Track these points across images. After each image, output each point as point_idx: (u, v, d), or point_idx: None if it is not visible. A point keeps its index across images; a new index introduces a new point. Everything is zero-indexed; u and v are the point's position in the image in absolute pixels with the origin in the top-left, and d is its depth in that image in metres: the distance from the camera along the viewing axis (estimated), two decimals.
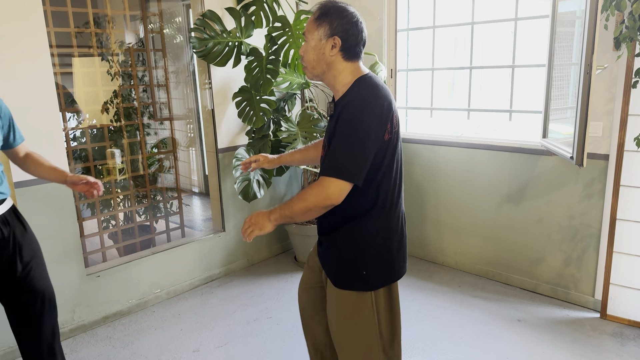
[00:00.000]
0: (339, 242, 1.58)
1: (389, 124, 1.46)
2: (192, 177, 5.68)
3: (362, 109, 1.41)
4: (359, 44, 1.51)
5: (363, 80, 1.50)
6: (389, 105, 1.46)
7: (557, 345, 2.58)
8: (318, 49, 1.50)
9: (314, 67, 1.53)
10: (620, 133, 2.61)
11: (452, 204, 3.50)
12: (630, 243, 2.69)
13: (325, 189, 1.40)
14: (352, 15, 1.49)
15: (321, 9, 1.50)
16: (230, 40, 3.17)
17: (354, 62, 1.52)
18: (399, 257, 1.60)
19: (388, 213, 1.55)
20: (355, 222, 1.54)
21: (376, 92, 1.46)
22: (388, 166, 1.51)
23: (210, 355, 2.60)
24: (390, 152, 1.49)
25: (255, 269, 3.69)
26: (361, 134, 1.39)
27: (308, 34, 1.52)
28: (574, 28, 2.51)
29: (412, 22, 3.68)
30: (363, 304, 1.57)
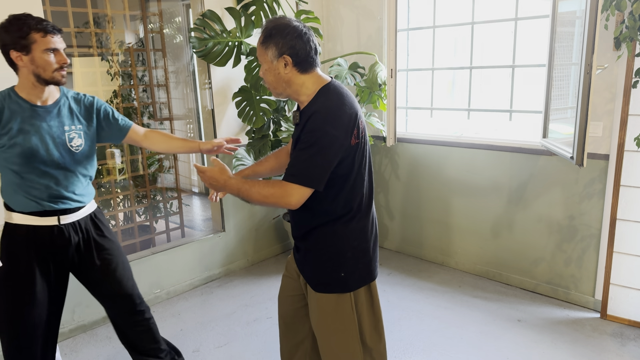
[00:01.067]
0: (316, 247, 1.61)
1: (356, 130, 1.50)
2: (192, 177, 5.68)
3: (327, 120, 1.45)
4: (309, 54, 1.52)
5: (327, 89, 1.52)
6: (354, 114, 1.51)
7: (557, 345, 2.58)
8: (272, 70, 1.52)
9: (275, 87, 1.56)
10: (620, 133, 2.61)
11: (452, 204, 3.50)
12: (630, 243, 2.69)
13: (287, 195, 1.45)
14: (295, 30, 1.49)
15: (264, 32, 1.52)
16: (230, 40, 3.16)
17: (311, 72, 1.54)
18: (374, 258, 1.66)
19: (362, 216, 1.60)
20: (331, 226, 1.57)
21: (341, 102, 1.49)
22: (359, 170, 1.55)
23: (210, 355, 2.60)
24: (359, 156, 1.54)
25: (255, 269, 3.69)
26: (324, 143, 1.44)
27: (260, 58, 1.54)
28: (574, 28, 2.51)
29: (412, 22, 3.68)
30: (343, 306, 1.60)
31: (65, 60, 1.73)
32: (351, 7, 3.80)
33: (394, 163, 3.79)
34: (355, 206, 1.57)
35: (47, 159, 1.75)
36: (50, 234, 1.81)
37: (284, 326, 1.86)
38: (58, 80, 1.74)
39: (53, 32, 1.70)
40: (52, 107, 1.80)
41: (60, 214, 1.82)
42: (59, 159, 1.78)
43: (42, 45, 1.67)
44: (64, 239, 1.84)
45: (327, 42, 4.02)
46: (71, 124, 1.83)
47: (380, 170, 3.91)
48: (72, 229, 1.86)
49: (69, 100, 1.86)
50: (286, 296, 1.82)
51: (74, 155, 1.83)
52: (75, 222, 1.87)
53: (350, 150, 1.50)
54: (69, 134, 1.82)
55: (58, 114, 1.81)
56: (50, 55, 1.70)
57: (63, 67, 1.73)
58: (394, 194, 3.85)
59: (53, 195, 1.79)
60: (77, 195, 1.86)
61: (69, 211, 1.85)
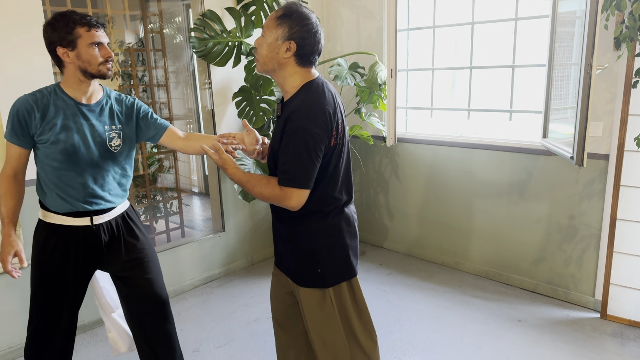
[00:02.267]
0: (292, 243, 1.65)
1: (335, 131, 1.52)
2: (192, 177, 5.68)
3: (307, 118, 1.46)
4: (314, 54, 1.54)
5: (309, 85, 1.54)
6: (333, 113, 1.52)
7: (557, 345, 2.58)
8: (273, 47, 1.52)
9: (265, 62, 1.55)
10: (620, 133, 2.61)
11: (452, 204, 3.50)
12: (630, 243, 2.69)
13: (288, 199, 1.49)
14: (312, 26, 1.51)
15: (285, 9, 1.51)
16: (230, 40, 3.16)
17: (307, 68, 1.56)
18: (354, 254, 1.69)
19: (337, 213, 1.62)
20: (305, 223, 1.61)
21: (321, 100, 1.51)
22: (334, 170, 1.58)
23: (210, 355, 2.60)
24: (335, 156, 1.56)
25: (255, 269, 3.69)
26: (310, 142, 1.46)
27: (266, 30, 1.53)
28: (574, 28, 2.51)
29: (412, 22, 3.68)
30: (324, 301, 1.64)
31: (110, 53, 1.75)
32: (351, 7, 3.80)
33: (394, 163, 3.79)
34: (329, 204, 1.60)
35: (87, 157, 1.77)
36: (83, 233, 1.82)
37: (277, 324, 1.88)
38: (104, 74, 1.76)
39: (97, 26, 1.72)
40: (96, 106, 1.82)
41: (93, 215, 1.83)
42: (98, 158, 1.80)
43: (87, 40, 1.69)
44: (95, 238, 1.85)
45: (327, 42, 4.02)
46: (112, 124, 1.85)
47: (380, 170, 3.91)
48: (105, 227, 1.87)
49: (111, 100, 1.88)
50: (277, 294, 1.85)
51: (112, 155, 1.84)
52: (109, 220, 1.88)
53: (328, 150, 1.52)
54: (109, 133, 1.83)
55: (100, 113, 1.83)
56: (95, 49, 1.71)
57: (108, 61, 1.75)
58: (394, 194, 3.85)
59: (89, 195, 1.80)
60: (112, 196, 1.87)
61: (102, 212, 1.85)
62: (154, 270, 1.99)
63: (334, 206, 1.61)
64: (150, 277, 1.96)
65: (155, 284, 1.98)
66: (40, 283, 1.83)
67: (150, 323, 1.98)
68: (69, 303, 1.86)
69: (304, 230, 1.61)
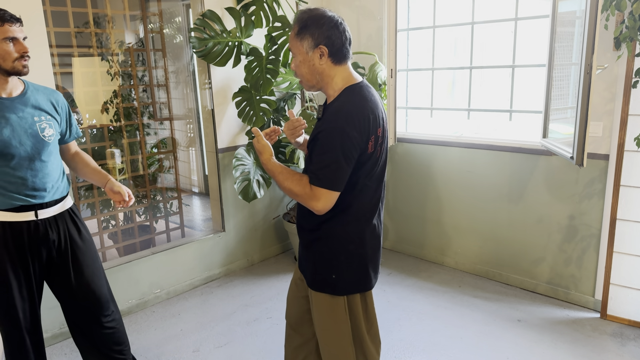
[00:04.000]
0: (313, 244, 1.62)
1: (373, 137, 1.49)
2: (192, 177, 5.68)
3: (346, 120, 1.44)
4: (344, 45, 1.52)
5: (352, 89, 1.52)
6: (374, 119, 1.49)
7: (557, 345, 2.58)
8: (307, 62, 1.52)
9: (309, 79, 1.56)
10: (620, 133, 2.61)
11: (452, 204, 3.50)
12: (630, 243, 2.69)
13: (316, 200, 1.46)
14: (331, 20, 1.49)
15: (299, 23, 1.51)
16: (230, 40, 3.16)
17: (344, 64, 1.54)
18: (373, 267, 1.64)
19: (363, 222, 1.58)
20: (330, 227, 1.57)
21: (363, 105, 1.48)
22: (367, 177, 1.54)
23: (210, 355, 2.60)
24: (370, 164, 1.53)
25: (255, 269, 3.69)
26: (346, 145, 1.44)
27: (294, 49, 1.54)
28: (574, 28, 2.51)
29: (412, 22, 3.68)
30: (336, 307, 1.61)
31: (25, 49, 1.70)
32: (351, 7, 3.80)
33: (394, 163, 3.79)
34: (356, 211, 1.56)
35: (21, 151, 1.73)
36: (27, 229, 1.79)
37: (290, 328, 1.87)
38: (19, 71, 1.71)
39: (11, 20, 1.68)
40: (19, 98, 1.78)
41: (38, 209, 1.80)
42: (32, 149, 1.76)
43: (0, 35, 1.66)
44: (40, 234, 1.82)
45: None
46: (40, 115, 1.81)
47: None
48: (48, 224, 1.84)
49: (35, 92, 1.85)
50: (294, 297, 1.83)
51: (47, 146, 1.81)
52: (52, 217, 1.85)
53: (364, 156, 1.49)
54: (39, 124, 1.80)
55: (25, 104, 1.79)
56: (9, 45, 1.67)
57: (24, 57, 1.71)
58: (394, 193, 3.85)
59: (29, 188, 1.77)
60: (53, 188, 1.84)
61: (46, 205, 1.82)
62: (97, 269, 1.98)
63: (362, 214, 1.58)
64: (94, 275, 1.96)
65: (99, 282, 1.97)
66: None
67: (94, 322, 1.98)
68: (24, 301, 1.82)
69: (325, 234, 1.58)
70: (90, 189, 3.41)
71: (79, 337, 2.03)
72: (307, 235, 1.64)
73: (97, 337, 2.01)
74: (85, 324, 1.99)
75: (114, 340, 2.04)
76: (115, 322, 2.04)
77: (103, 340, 2.01)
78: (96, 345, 2.02)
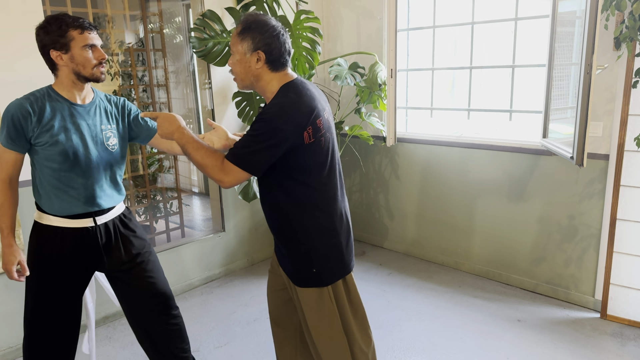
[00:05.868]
0: (289, 243, 1.66)
1: (310, 128, 1.52)
2: (192, 177, 5.68)
3: (278, 113, 1.49)
4: (283, 55, 1.57)
5: (287, 87, 1.56)
6: (311, 111, 1.53)
7: (557, 345, 2.58)
8: (244, 62, 1.56)
9: (243, 79, 1.60)
10: (620, 133, 2.61)
11: (452, 204, 3.50)
12: (630, 243, 2.69)
13: (224, 172, 1.50)
14: (273, 29, 1.54)
15: (243, 24, 1.55)
16: (230, 40, 3.16)
17: (281, 71, 1.59)
18: (348, 251, 1.70)
19: (330, 213, 1.64)
20: (297, 222, 1.62)
21: (297, 99, 1.52)
22: (317, 167, 1.59)
23: (210, 355, 2.60)
24: (316, 154, 1.57)
25: (255, 269, 3.69)
26: (271, 134, 1.47)
27: (233, 48, 1.58)
28: (574, 28, 2.51)
29: (412, 22, 3.68)
30: (323, 299, 1.65)
31: (103, 55, 1.75)
32: (351, 7, 3.80)
33: (394, 163, 3.79)
34: (319, 204, 1.61)
35: (86, 158, 1.76)
36: (82, 234, 1.81)
37: (272, 321, 1.91)
38: (97, 77, 1.76)
39: (90, 28, 1.72)
40: (90, 106, 1.82)
41: (95, 215, 1.83)
42: (97, 158, 1.79)
43: (80, 42, 1.69)
44: (94, 239, 1.84)
45: (327, 42, 4.02)
46: (107, 123, 1.85)
47: (380, 170, 3.91)
48: (102, 229, 1.86)
49: (103, 100, 1.89)
50: (272, 291, 1.88)
51: (110, 154, 1.84)
52: (106, 222, 1.87)
53: (302, 148, 1.52)
54: (105, 132, 1.83)
55: (95, 112, 1.83)
56: (88, 52, 1.71)
57: (102, 63, 1.75)
58: (393, 194, 3.85)
59: (90, 195, 1.79)
60: (112, 195, 1.87)
61: (103, 212, 1.85)
62: (155, 269, 1.99)
63: (325, 205, 1.63)
64: (153, 276, 1.96)
65: (158, 282, 1.98)
66: (39, 286, 1.81)
67: (154, 321, 1.98)
68: (69, 304, 1.85)
69: (299, 230, 1.62)
70: None
71: (146, 339, 2.03)
72: (280, 234, 1.67)
73: (163, 335, 2.01)
74: (154, 322, 1.99)
75: (179, 337, 2.05)
76: (181, 319, 2.06)
77: (169, 337, 2.02)
78: (162, 343, 2.02)
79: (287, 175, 1.58)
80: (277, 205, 1.63)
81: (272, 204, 1.65)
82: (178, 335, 2.04)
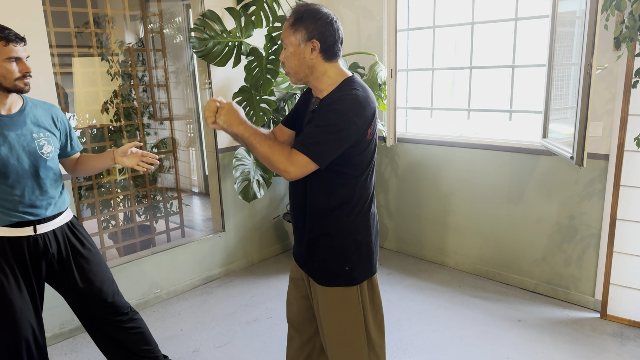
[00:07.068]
0: (321, 240, 1.62)
1: (372, 125, 1.52)
2: (192, 177, 5.68)
3: (352, 106, 1.46)
4: (336, 43, 1.54)
5: (353, 80, 1.55)
6: (375, 109, 1.53)
7: (557, 345, 2.58)
8: (298, 54, 1.52)
9: (297, 72, 1.56)
10: (620, 133, 2.61)
11: (452, 203, 3.50)
12: (630, 243, 2.69)
13: (292, 164, 1.43)
14: (327, 16, 1.51)
15: (295, 15, 1.52)
16: (230, 40, 3.16)
17: (334, 61, 1.56)
18: (376, 252, 1.69)
19: (366, 211, 1.62)
20: (336, 219, 1.59)
21: (365, 95, 1.51)
22: (366, 165, 1.57)
23: (210, 355, 2.60)
24: (369, 152, 1.57)
25: (255, 269, 3.69)
26: (343, 125, 1.44)
27: (286, 40, 1.54)
28: (574, 28, 2.51)
29: (412, 22, 3.68)
30: (349, 299, 1.62)
31: (27, 69, 1.73)
32: (351, 7, 3.80)
33: (394, 163, 3.79)
34: (358, 200, 1.59)
35: (18, 168, 1.74)
36: (27, 244, 1.80)
37: (292, 328, 1.87)
38: (21, 89, 1.73)
39: (15, 40, 1.69)
40: (18, 115, 1.79)
41: (37, 224, 1.81)
42: (30, 167, 1.77)
43: (3, 54, 1.67)
44: (39, 249, 1.83)
45: None
46: (39, 131, 1.82)
47: (380, 170, 3.91)
48: (48, 238, 1.85)
49: (34, 108, 1.86)
50: (294, 297, 1.83)
51: (45, 162, 1.82)
52: (51, 231, 1.86)
53: (364, 143, 1.51)
54: (38, 141, 1.81)
55: (24, 121, 1.79)
56: (12, 64, 1.69)
57: (26, 76, 1.73)
58: (394, 193, 3.85)
59: (26, 205, 1.78)
60: (52, 203, 1.85)
61: (44, 220, 1.83)
62: (104, 278, 1.99)
63: (364, 202, 1.61)
64: (101, 285, 1.97)
65: (108, 290, 1.98)
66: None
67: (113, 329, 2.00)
68: (26, 317, 1.81)
69: (334, 228, 1.59)
70: (90, 189, 3.41)
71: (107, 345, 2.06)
72: (313, 232, 1.62)
73: (124, 340, 2.03)
74: (111, 329, 2.02)
75: (141, 340, 2.06)
76: (137, 322, 2.07)
77: (130, 341, 2.04)
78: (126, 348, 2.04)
79: (336, 170, 1.53)
80: (318, 199, 1.57)
81: (313, 198, 1.58)
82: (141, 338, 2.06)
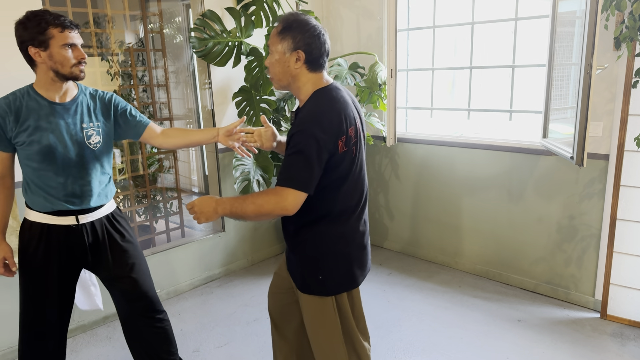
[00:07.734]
0: (299, 247, 1.63)
1: (343, 137, 1.50)
2: (192, 177, 5.67)
3: (312, 122, 1.46)
4: (322, 56, 1.55)
5: (321, 92, 1.54)
6: (344, 120, 1.50)
7: (557, 345, 2.58)
8: (282, 62, 1.53)
9: (280, 79, 1.57)
10: (620, 133, 2.61)
11: (452, 204, 3.50)
12: (630, 243, 2.69)
13: (283, 199, 1.43)
14: (314, 29, 1.52)
15: (284, 23, 1.53)
16: (230, 40, 3.16)
17: (318, 72, 1.56)
18: (358, 265, 1.65)
19: (346, 220, 1.60)
20: (314, 228, 1.59)
21: (330, 106, 1.50)
22: (344, 176, 1.55)
23: (210, 355, 2.60)
24: (347, 163, 1.53)
25: (255, 269, 3.69)
26: (314, 147, 1.43)
27: (272, 47, 1.55)
28: (574, 28, 2.51)
29: (412, 22, 3.68)
30: (325, 308, 1.62)
31: (83, 55, 1.74)
32: (351, 7, 3.80)
33: (394, 163, 3.79)
34: (339, 211, 1.58)
35: (64, 157, 1.75)
36: (66, 232, 1.82)
37: (272, 321, 1.90)
38: (76, 76, 1.74)
39: (71, 27, 1.70)
40: (70, 104, 1.80)
41: (79, 214, 1.83)
42: (77, 156, 1.78)
43: (60, 41, 1.68)
44: (80, 238, 1.84)
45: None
46: (89, 121, 1.83)
47: (380, 170, 3.91)
48: (89, 228, 1.86)
49: (87, 97, 1.87)
50: (273, 293, 1.87)
51: (92, 153, 1.83)
52: (93, 221, 1.87)
53: (337, 157, 1.50)
54: (86, 131, 1.82)
55: (76, 111, 1.81)
56: (68, 51, 1.70)
57: (81, 62, 1.74)
58: (393, 194, 3.85)
59: (69, 194, 1.79)
60: (96, 194, 1.86)
61: (87, 211, 1.85)
62: (140, 271, 1.99)
63: (344, 213, 1.59)
64: (137, 278, 1.96)
65: (143, 285, 1.98)
66: (26, 283, 1.83)
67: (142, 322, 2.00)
68: (56, 303, 1.85)
69: (311, 236, 1.59)
70: None
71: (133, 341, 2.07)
72: (293, 239, 1.65)
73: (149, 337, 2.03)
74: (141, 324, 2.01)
75: (165, 340, 2.07)
76: (167, 323, 2.07)
77: (155, 340, 2.04)
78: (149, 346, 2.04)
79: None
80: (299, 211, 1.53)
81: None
82: (164, 338, 2.05)
